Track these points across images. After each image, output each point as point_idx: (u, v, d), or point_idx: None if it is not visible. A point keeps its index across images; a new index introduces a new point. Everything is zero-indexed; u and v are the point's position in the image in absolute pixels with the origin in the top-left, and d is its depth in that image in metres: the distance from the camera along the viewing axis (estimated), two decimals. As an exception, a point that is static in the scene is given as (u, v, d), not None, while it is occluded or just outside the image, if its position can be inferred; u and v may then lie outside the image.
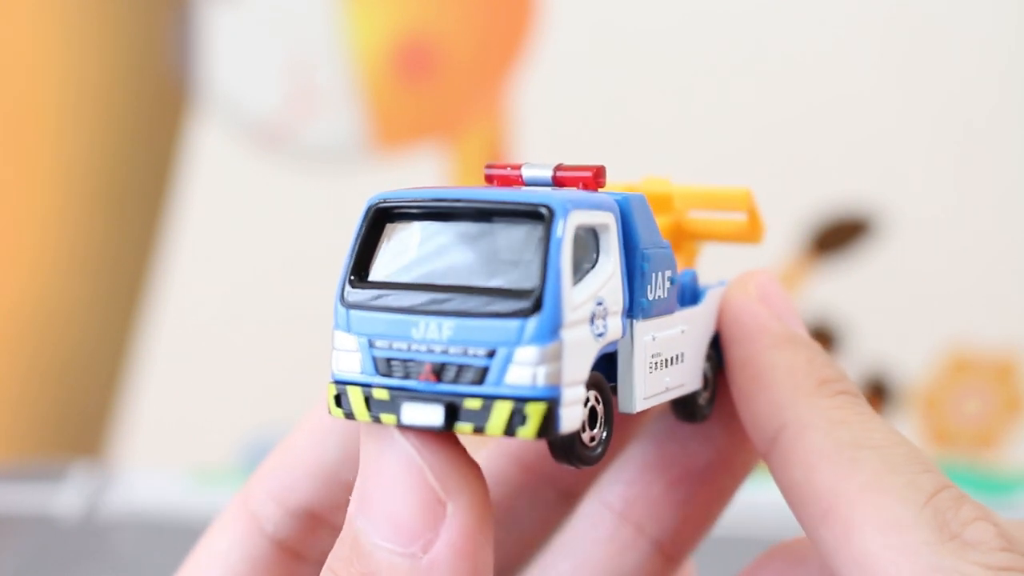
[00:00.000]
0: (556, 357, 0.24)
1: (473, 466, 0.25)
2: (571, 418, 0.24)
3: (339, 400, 0.25)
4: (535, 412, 0.23)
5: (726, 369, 0.30)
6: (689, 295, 0.30)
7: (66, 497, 0.80)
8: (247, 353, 0.80)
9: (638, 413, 0.27)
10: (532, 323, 0.24)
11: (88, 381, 0.82)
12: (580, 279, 0.25)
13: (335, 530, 0.30)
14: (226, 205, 0.80)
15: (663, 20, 0.76)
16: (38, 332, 0.82)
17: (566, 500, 0.33)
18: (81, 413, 0.82)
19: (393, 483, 0.24)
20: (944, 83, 0.75)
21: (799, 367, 0.28)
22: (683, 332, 0.29)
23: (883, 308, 0.77)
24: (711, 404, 0.31)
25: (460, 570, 0.24)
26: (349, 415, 0.25)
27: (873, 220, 0.77)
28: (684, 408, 0.31)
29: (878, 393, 0.78)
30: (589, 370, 0.25)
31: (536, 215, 0.25)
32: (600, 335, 0.25)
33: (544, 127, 0.77)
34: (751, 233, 0.33)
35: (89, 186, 0.80)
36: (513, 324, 0.24)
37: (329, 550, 0.30)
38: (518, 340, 0.23)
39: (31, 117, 0.80)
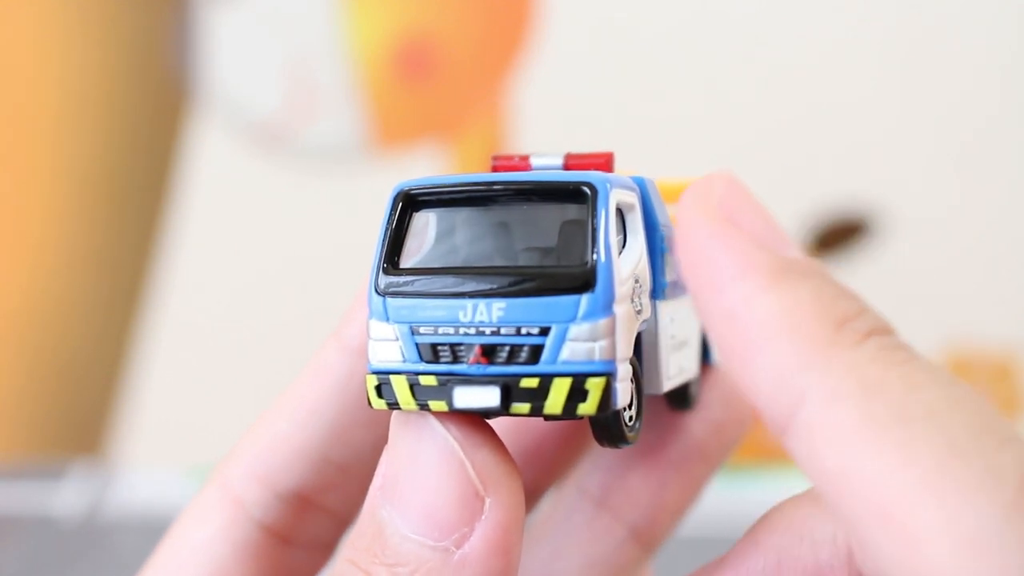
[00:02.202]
0: (610, 332, 0.24)
1: (511, 462, 0.24)
2: (624, 393, 0.24)
3: (380, 390, 0.24)
4: (596, 387, 0.23)
5: (708, 330, 0.24)
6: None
7: (66, 497, 0.80)
8: (248, 352, 0.80)
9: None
10: (586, 299, 0.24)
11: (89, 381, 0.82)
12: (619, 256, 0.25)
13: (325, 512, 0.30)
14: (226, 205, 0.80)
15: (663, 20, 0.76)
16: (39, 332, 0.82)
17: (527, 500, 0.33)
18: (81, 413, 0.82)
19: (429, 475, 0.24)
20: (944, 84, 0.75)
21: (806, 310, 0.22)
22: (688, 317, 0.29)
23: (883, 308, 0.77)
24: (698, 391, 0.31)
25: (493, 567, 0.23)
26: (393, 405, 0.24)
27: (873, 220, 0.77)
28: (678, 395, 0.30)
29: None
30: (632, 347, 0.25)
31: (579, 193, 0.25)
32: (639, 312, 0.25)
33: (543, 127, 0.77)
34: None
35: (90, 186, 0.80)
36: (567, 301, 0.23)
37: (318, 533, 0.30)
38: (573, 316, 0.23)
39: (32, 118, 0.80)
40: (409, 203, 0.26)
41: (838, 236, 0.77)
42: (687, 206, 0.23)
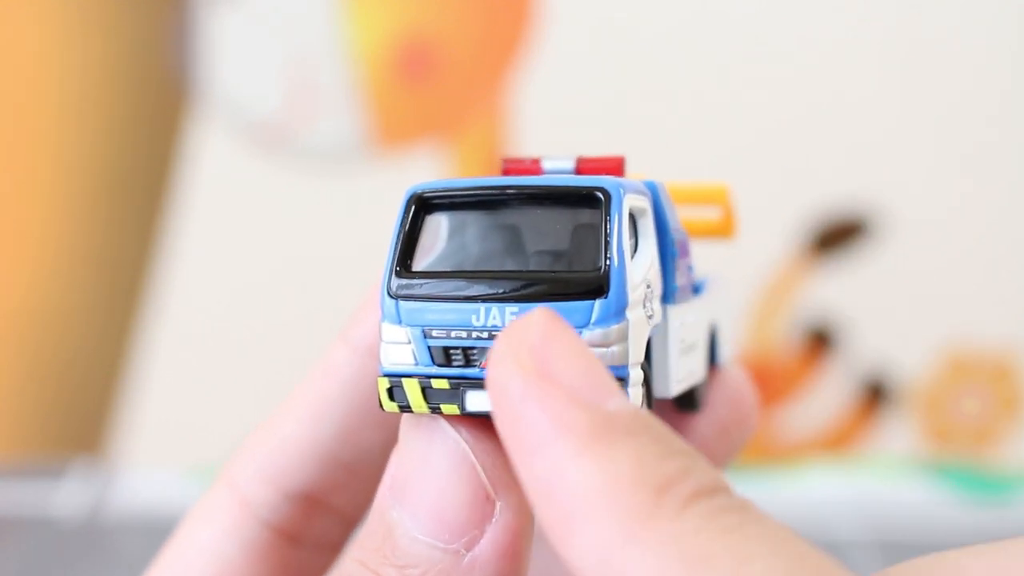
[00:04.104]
0: (623, 337, 0.24)
1: None
2: (635, 398, 0.24)
3: (392, 393, 0.24)
4: None
5: (528, 497, 0.22)
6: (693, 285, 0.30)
7: (67, 496, 0.80)
8: (248, 352, 0.80)
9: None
10: (599, 304, 0.24)
11: (89, 380, 0.82)
12: (631, 261, 0.25)
13: (332, 512, 0.30)
14: (227, 205, 0.80)
15: (664, 20, 0.76)
16: (39, 332, 0.82)
17: None
18: (82, 412, 0.82)
19: (440, 477, 0.24)
20: (944, 85, 0.75)
21: (624, 476, 0.20)
22: (696, 321, 0.29)
23: (883, 308, 0.77)
24: (705, 393, 0.31)
25: (502, 569, 0.24)
26: (405, 408, 0.24)
27: (873, 220, 0.77)
28: (685, 397, 0.30)
29: (877, 393, 0.78)
30: (643, 352, 0.25)
31: (592, 199, 0.25)
32: (650, 317, 0.25)
33: (544, 127, 0.77)
34: (724, 228, 0.33)
35: (90, 186, 0.80)
36: (580, 306, 0.24)
37: (326, 533, 0.30)
38: (586, 322, 0.23)
39: (32, 118, 0.80)
40: (422, 206, 0.26)
41: (838, 236, 0.77)
42: (497, 359, 0.21)
